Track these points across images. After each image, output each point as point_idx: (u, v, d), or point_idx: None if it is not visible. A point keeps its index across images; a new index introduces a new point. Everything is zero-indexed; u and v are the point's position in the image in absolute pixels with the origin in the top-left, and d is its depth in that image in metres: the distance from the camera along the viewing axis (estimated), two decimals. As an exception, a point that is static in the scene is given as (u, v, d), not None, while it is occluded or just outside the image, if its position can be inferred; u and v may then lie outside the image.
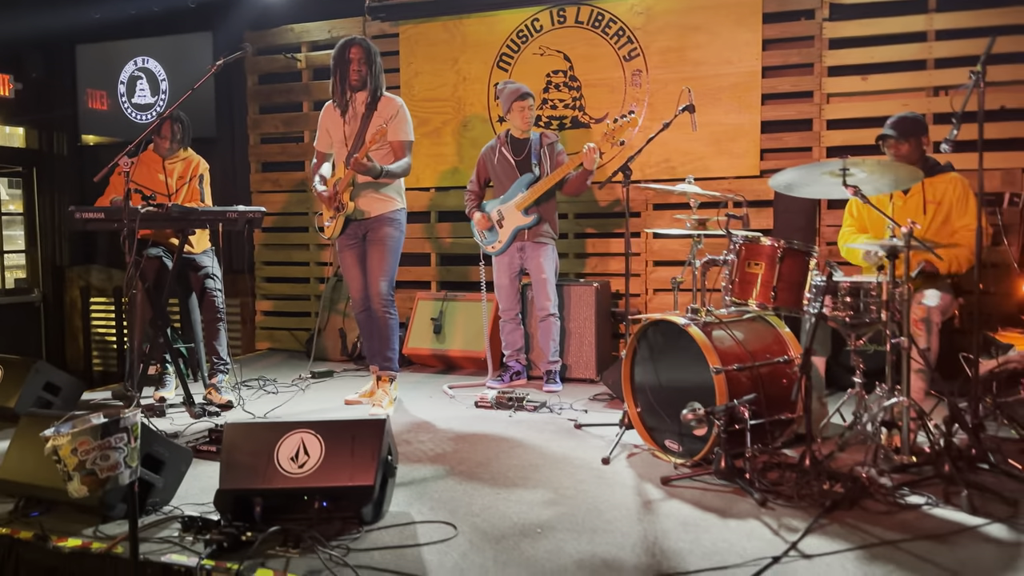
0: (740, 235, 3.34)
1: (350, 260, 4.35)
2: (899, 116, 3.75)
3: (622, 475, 3.19)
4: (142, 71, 6.91)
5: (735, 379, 3.15)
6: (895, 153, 3.72)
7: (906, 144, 3.68)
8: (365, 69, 4.26)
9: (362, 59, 4.25)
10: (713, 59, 5.25)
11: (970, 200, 3.66)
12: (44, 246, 7.19)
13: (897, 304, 3.04)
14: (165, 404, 4.35)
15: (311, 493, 2.59)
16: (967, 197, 3.66)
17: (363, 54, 4.26)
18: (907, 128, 3.69)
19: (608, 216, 5.58)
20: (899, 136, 3.68)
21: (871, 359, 4.46)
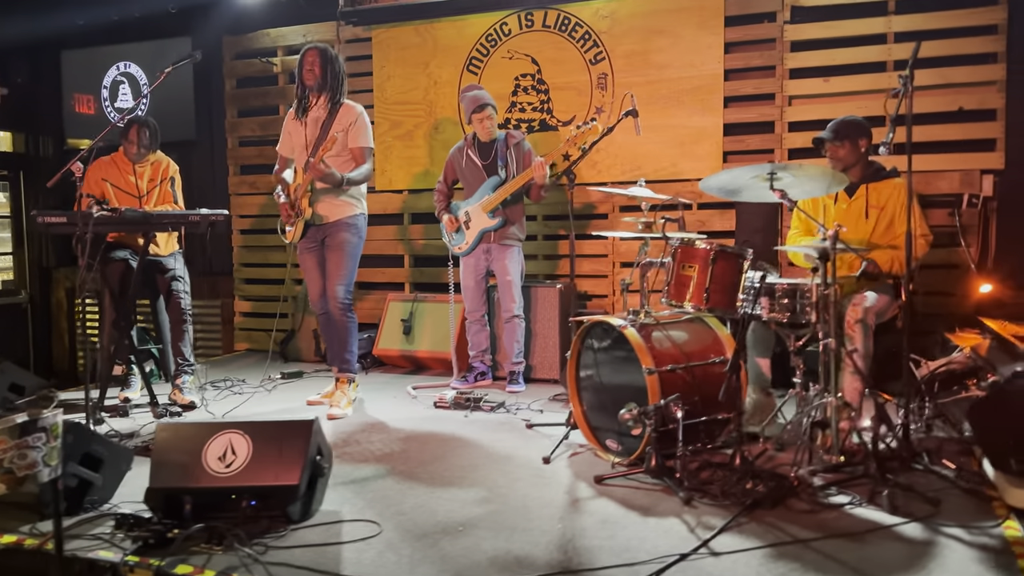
0: (676, 238, 3.39)
1: (310, 264, 4.42)
2: (839, 119, 3.79)
3: (559, 474, 3.25)
4: (124, 76, 7.01)
5: (669, 379, 3.20)
6: (832, 156, 3.75)
7: (842, 147, 3.71)
8: (319, 71, 4.31)
9: (316, 61, 4.32)
10: (676, 62, 5.29)
11: (914, 207, 3.69)
12: (31, 248, 7.32)
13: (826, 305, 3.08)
14: (129, 404, 4.43)
15: (239, 492, 2.66)
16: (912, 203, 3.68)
17: (318, 57, 4.32)
18: (843, 131, 3.71)
19: (579, 218, 5.62)
20: (834, 139, 3.71)
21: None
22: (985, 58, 4.70)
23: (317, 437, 2.79)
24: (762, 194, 3.19)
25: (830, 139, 3.71)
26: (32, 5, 6.77)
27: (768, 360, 3.79)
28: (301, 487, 2.64)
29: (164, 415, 4.25)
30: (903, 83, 3.18)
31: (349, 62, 6.19)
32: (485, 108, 4.77)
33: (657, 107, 5.33)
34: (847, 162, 3.73)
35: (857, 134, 3.71)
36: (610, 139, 5.37)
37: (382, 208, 6.14)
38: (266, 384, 5.14)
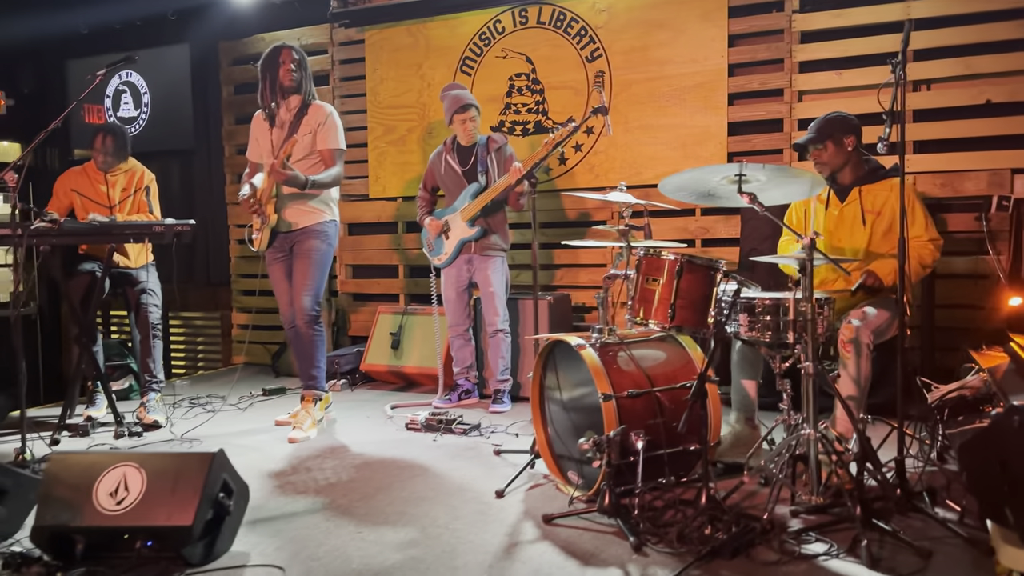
0: (641, 247, 3.04)
1: (278, 274, 4.20)
2: (819, 118, 3.40)
3: (508, 511, 2.93)
4: (126, 84, 6.94)
5: (629, 406, 2.86)
6: (816, 160, 3.37)
7: (825, 150, 3.32)
8: (299, 73, 4.11)
9: (294, 62, 4.11)
10: (678, 57, 4.92)
11: (916, 208, 3.28)
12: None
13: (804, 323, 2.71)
14: (93, 423, 4.25)
15: (131, 532, 2.42)
16: (913, 205, 3.27)
17: (294, 57, 4.11)
18: (824, 130, 3.33)
19: (576, 225, 5.30)
20: (815, 140, 3.32)
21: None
22: (1015, 45, 4.23)
23: (220, 472, 2.53)
24: (732, 198, 2.83)
25: (811, 142, 3.33)
26: (37, 14, 6.74)
27: (755, 383, 3.40)
28: (195, 529, 2.38)
29: (123, 435, 4.07)
30: (894, 71, 2.77)
31: (343, 65, 6.01)
32: (468, 109, 4.48)
33: (657, 106, 4.98)
34: (833, 165, 3.34)
35: (841, 131, 3.32)
36: (609, 141, 5.07)
37: (376, 216, 5.90)
38: (244, 401, 4.93)
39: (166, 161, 6.90)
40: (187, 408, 4.71)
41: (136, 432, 4.11)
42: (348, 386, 5.29)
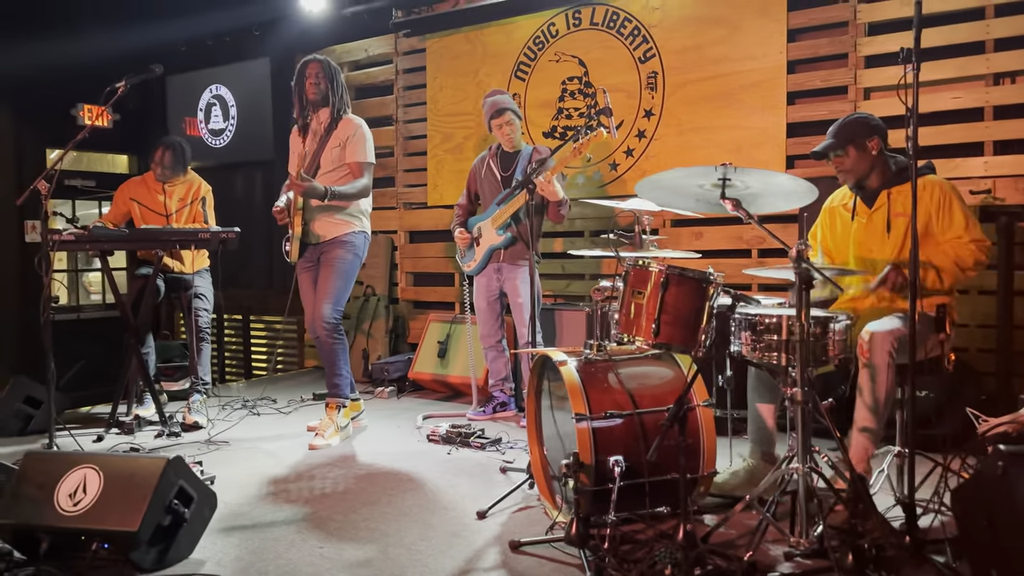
0: (629, 259, 2.83)
1: (306, 284, 4.23)
2: (841, 120, 3.06)
3: (482, 534, 2.79)
4: (216, 98, 7.28)
5: (606, 430, 2.66)
6: (838, 169, 3.04)
7: (846, 156, 2.99)
8: (325, 84, 4.13)
9: (320, 74, 4.14)
10: (734, 55, 4.62)
11: (955, 207, 2.89)
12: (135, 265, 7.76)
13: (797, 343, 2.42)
14: (140, 422, 4.44)
15: (87, 534, 2.46)
16: (950, 204, 2.89)
17: (320, 69, 4.14)
18: (843, 134, 2.99)
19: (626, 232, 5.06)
20: (834, 146, 2.99)
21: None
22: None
23: (176, 478, 2.53)
24: (714, 204, 2.58)
25: (830, 148, 3.00)
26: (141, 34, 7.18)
27: (773, 407, 3.10)
28: (141, 534, 2.40)
29: (162, 435, 4.23)
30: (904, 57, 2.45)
31: (406, 74, 6.04)
32: (504, 113, 4.37)
33: (712, 107, 4.70)
34: (858, 172, 3.01)
35: (863, 134, 2.98)
36: (661, 145, 4.85)
37: (434, 224, 5.89)
38: (292, 405, 5.02)
39: (250, 171, 7.20)
40: (234, 410, 4.83)
41: (175, 432, 4.25)
42: (396, 394, 5.28)
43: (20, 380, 4.35)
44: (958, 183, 4.00)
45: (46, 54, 6.47)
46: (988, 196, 3.95)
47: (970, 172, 4.03)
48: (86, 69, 6.54)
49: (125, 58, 6.99)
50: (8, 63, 6.35)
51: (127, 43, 6.92)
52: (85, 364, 6.94)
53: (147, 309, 4.52)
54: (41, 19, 6.54)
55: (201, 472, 3.39)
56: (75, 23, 6.67)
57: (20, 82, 6.55)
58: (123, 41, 6.87)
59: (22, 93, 6.71)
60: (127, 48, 6.91)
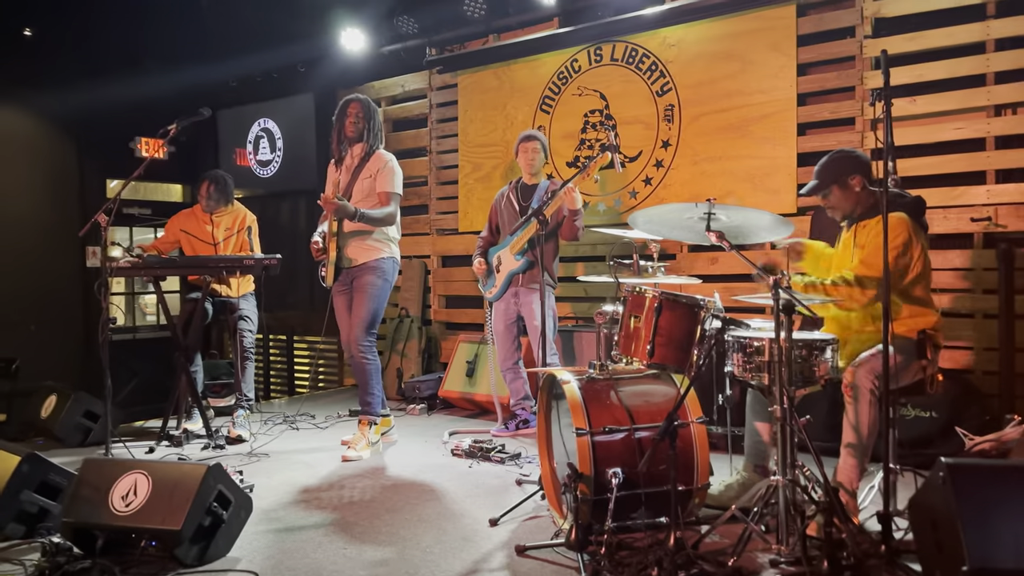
0: (628, 284, 3.06)
1: (340, 306, 4.54)
2: (825, 158, 3.22)
3: (492, 540, 3.03)
4: (264, 131, 7.71)
5: (605, 443, 2.89)
6: (827, 207, 3.20)
7: (831, 194, 3.14)
8: (363, 124, 4.46)
9: (359, 114, 4.46)
10: (746, 88, 4.84)
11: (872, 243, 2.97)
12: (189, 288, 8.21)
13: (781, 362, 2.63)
14: (188, 435, 4.77)
15: (137, 532, 2.77)
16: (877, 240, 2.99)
17: (361, 109, 4.47)
18: (825, 176, 3.14)
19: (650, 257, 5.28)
20: (819, 187, 3.15)
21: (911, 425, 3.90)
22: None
23: (216, 483, 2.83)
24: (700, 235, 2.81)
25: (815, 190, 3.17)
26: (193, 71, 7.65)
27: (769, 425, 3.28)
28: (184, 533, 2.69)
29: (208, 447, 4.56)
30: (874, 102, 2.65)
31: (439, 108, 6.37)
32: (533, 140, 4.67)
33: (725, 137, 4.91)
34: (844, 209, 3.17)
35: (845, 173, 3.12)
36: (676, 175, 5.07)
37: (465, 249, 6.17)
38: (329, 420, 5.33)
39: (295, 199, 7.60)
40: (275, 425, 5.15)
41: (220, 445, 4.58)
42: (426, 411, 5.56)
43: (80, 396, 4.72)
44: (961, 211, 4.17)
45: (109, 90, 6.95)
46: (990, 223, 4.08)
47: (973, 200, 4.16)
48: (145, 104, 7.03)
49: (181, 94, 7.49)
50: (75, 100, 6.86)
51: (183, 80, 7.39)
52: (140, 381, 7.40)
53: (196, 331, 4.88)
54: (106, 59, 7.03)
55: (241, 480, 3.70)
56: (136, 62, 7.17)
57: (85, 116, 7.05)
58: (179, 78, 7.35)
59: (86, 127, 7.22)
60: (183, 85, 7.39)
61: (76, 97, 6.86)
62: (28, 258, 6.77)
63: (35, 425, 4.89)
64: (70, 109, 6.96)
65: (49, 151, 7.17)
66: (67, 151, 7.30)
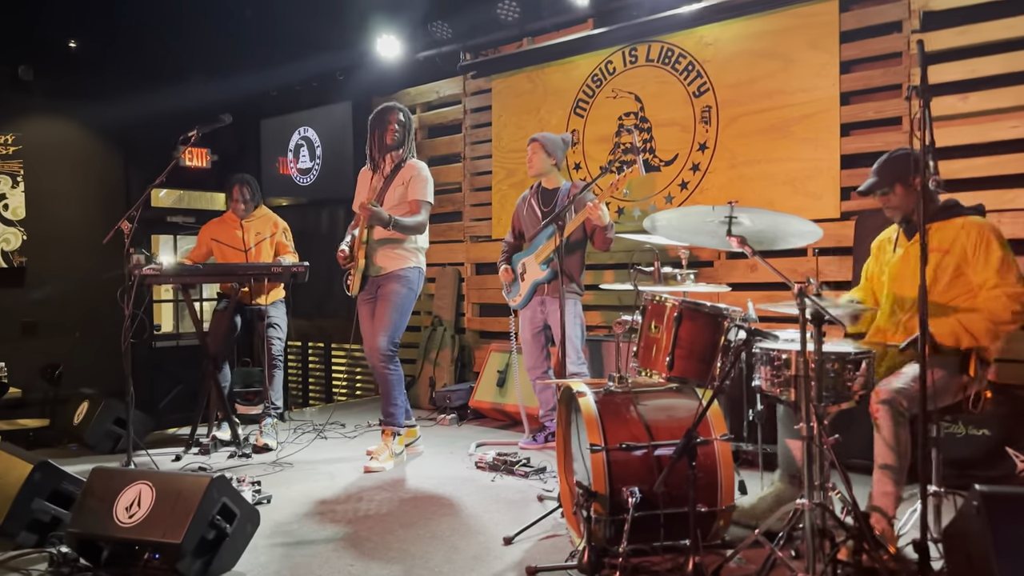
0: (647, 293, 2.91)
1: (365, 315, 4.47)
2: (884, 157, 3.03)
3: (503, 560, 2.90)
4: (304, 140, 7.74)
5: (621, 460, 2.74)
6: (886, 207, 3.00)
7: (893, 194, 2.95)
8: (401, 133, 4.41)
9: (398, 122, 4.42)
10: (787, 88, 4.63)
11: (992, 250, 2.81)
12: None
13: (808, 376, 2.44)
14: (216, 443, 4.76)
15: (139, 545, 2.72)
16: (987, 246, 2.81)
17: (399, 118, 4.42)
18: (887, 174, 2.95)
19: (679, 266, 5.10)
20: (880, 184, 2.96)
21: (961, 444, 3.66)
22: None
23: (219, 496, 2.76)
24: (722, 240, 2.64)
25: (876, 187, 2.98)
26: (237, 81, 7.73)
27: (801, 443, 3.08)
28: (185, 547, 2.63)
29: (235, 456, 4.53)
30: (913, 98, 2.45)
31: (473, 114, 6.29)
32: (532, 143, 4.58)
33: (764, 139, 4.71)
34: (905, 208, 2.97)
35: (908, 171, 2.92)
36: (712, 177, 4.89)
37: (498, 257, 6.04)
38: (359, 430, 5.27)
39: (334, 208, 7.60)
40: (303, 433, 5.11)
41: (246, 454, 4.55)
42: (457, 421, 5.46)
43: (111, 403, 4.75)
44: (1015, 215, 3.90)
45: (152, 103, 7.04)
46: (1048, 228, 3.81)
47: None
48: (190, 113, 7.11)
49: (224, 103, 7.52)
50: (121, 111, 6.96)
51: (226, 90, 7.46)
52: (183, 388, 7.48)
53: (224, 338, 4.87)
54: (152, 70, 7.14)
55: (259, 491, 3.66)
56: (181, 73, 7.26)
57: (130, 129, 7.17)
58: (222, 88, 7.42)
59: (132, 139, 7.34)
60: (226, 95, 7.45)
61: (122, 108, 6.97)
62: (76, 267, 6.90)
63: (69, 432, 4.94)
64: (116, 120, 7.08)
65: (98, 162, 7.32)
66: (114, 161, 7.43)
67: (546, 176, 4.61)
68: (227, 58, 7.34)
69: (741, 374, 3.33)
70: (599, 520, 2.68)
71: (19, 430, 5.86)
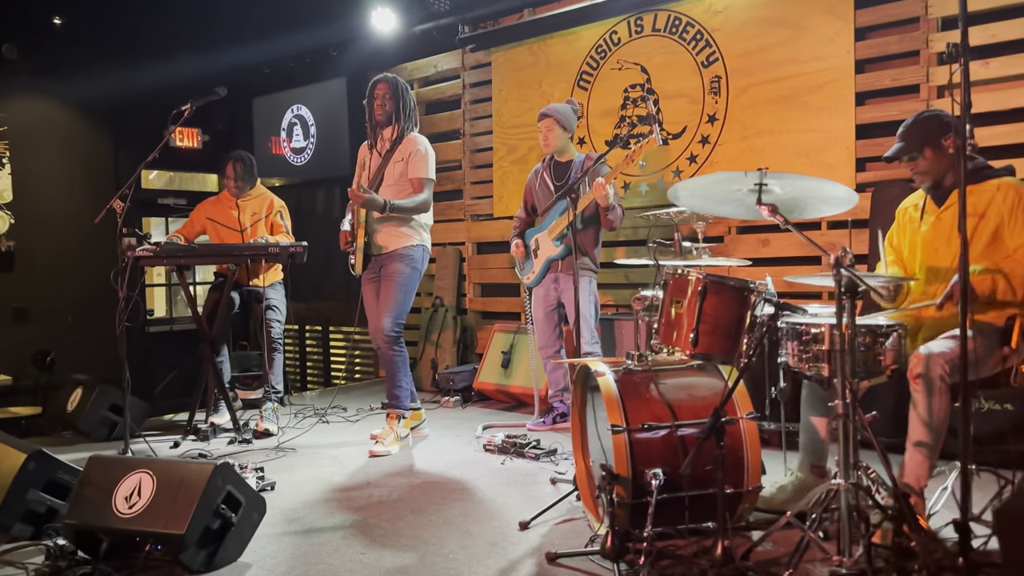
0: (669, 267, 2.78)
1: (369, 295, 4.33)
2: (907, 121, 2.89)
3: (521, 545, 2.79)
4: (297, 118, 7.55)
5: (643, 442, 2.62)
6: (914, 172, 2.87)
7: (922, 158, 2.81)
8: (390, 104, 4.24)
9: (387, 95, 4.25)
10: (799, 56, 4.49)
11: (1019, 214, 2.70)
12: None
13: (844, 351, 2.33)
14: (215, 429, 4.63)
15: (140, 536, 2.59)
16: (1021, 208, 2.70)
17: (388, 90, 4.25)
18: (915, 136, 2.82)
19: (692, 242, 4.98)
20: (909, 148, 2.83)
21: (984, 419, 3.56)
22: None
23: (224, 484, 2.64)
24: (751, 209, 2.51)
25: (903, 152, 2.85)
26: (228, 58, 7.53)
27: (827, 420, 2.97)
28: (188, 537, 2.51)
29: (235, 442, 4.40)
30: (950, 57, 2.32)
31: (472, 88, 6.12)
32: (544, 119, 4.41)
33: (776, 109, 4.57)
34: (935, 173, 2.84)
35: (938, 133, 2.80)
36: (722, 149, 4.76)
37: (500, 235, 5.93)
38: (361, 414, 5.15)
39: (330, 187, 7.43)
40: (305, 418, 4.98)
41: (246, 439, 4.42)
42: (461, 403, 5.34)
43: (105, 389, 4.60)
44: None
45: (141, 81, 6.84)
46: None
47: (1055, 171, 3.77)
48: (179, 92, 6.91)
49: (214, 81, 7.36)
50: (109, 89, 6.77)
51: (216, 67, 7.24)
52: (178, 373, 7.34)
53: (222, 321, 4.72)
54: (140, 47, 6.93)
55: (262, 477, 3.54)
56: (167, 51, 7.06)
57: (118, 107, 6.97)
58: (213, 65, 7.21)
59: (120, 118, 7.14)
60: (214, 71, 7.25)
61: (110, 87, 6.77)
62: (67, 250, 6.72)
63: (63, 419, 4.80)
64: (104, 99, 6.88)
65: (85, 142, 7.12)
66: (103, 141, 7.24)
67: (563, 150, 4.45)
68: (217, 34, 7.14)
69: (763, 351, 3.21)
70: (622, 504, 2.57)
71: (11, 418, 5.73)
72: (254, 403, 5.40)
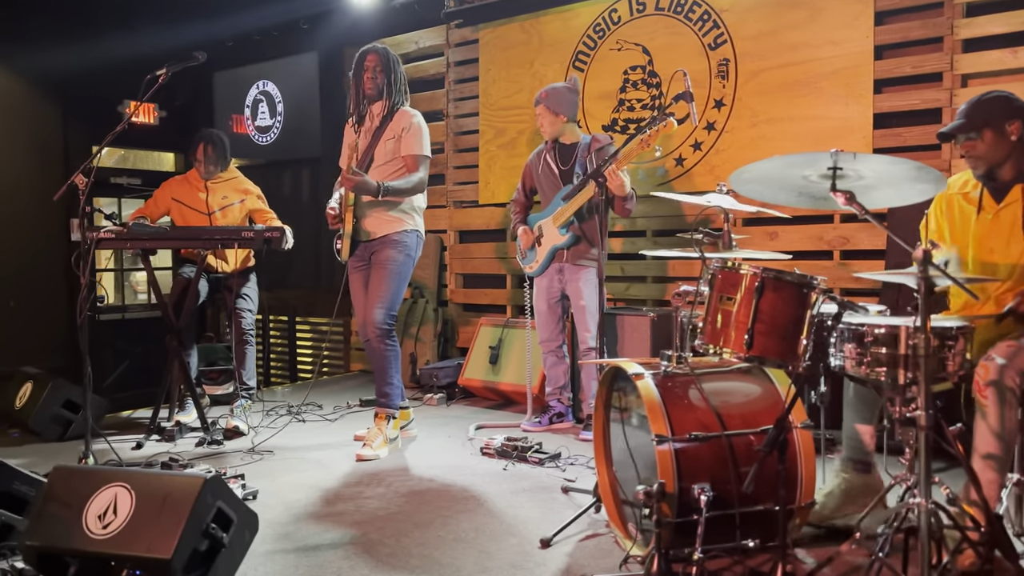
0: (716, 260, 2.52)
1: (357, 284, 4.00)
2: (975, 98, 2.67)
3: (546, 567, 2.51)
4: (263, 94, 7.12)
5: (691, 453, 2.36)
6: (968, 154, 2.64)
7: (981, 139, 2.60)
8: (382, 78, 3.91)
9: (378, 67, 3.92)
10: (814, 40, 4.27)
11: None
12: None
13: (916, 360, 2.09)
14: (182, 428, 4.24)
15: (115, 560, 2.23)
16: None
17: (379, 62, 3.92)
18: (979, 115, 2.60)
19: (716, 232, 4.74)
20: (968, 126, 2.61)
21: None
22: None
23: (214, 499, 2.29)
24: (821, 198, 2.26)
25: (961, 129, 2.63)
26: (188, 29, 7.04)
27: (872, 428, 2.76)
28: (175, 563, 2.16)
29: (204, 443, 4.02)
30: None
31: (458, 67, 5.80)
32: (536, 105, 4.15)
33: (789, 96, 4.36)
34: (992, 159, 2.62)
35: (1003, 116, 2.58)
36: (731, 138, 4.53)
37: (485, 223, 5.63)
38: (338, 412, 4.80)
39: (297, 169, 7.03)
40: (278, 416, 4.61)
41: (216, 440, 4.04)
42: (445, 401, 5.03)
43: (59, 383, 4.18)
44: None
45: (94, 52, 6.33)
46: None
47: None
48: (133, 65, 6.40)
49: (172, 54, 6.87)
50: (60, 60, 6.25)
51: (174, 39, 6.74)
52: (130, 364, 6.86)
53: (189, 311, 4.32)
54: (90, 17, 6.42)
55: (243, 486, 3.19)
56: (123, 20, 6.55)
57: (69, 79, 6.44)
58: (170, 37, 6.70)
59: (71, 91, 6.61)
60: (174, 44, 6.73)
61: (60, 57, 6.25)
62: (8, 229, 6.18)
63: (10, 416, 4.35)
64: (54, 70, 6.34)
65: (31, 114, 6.55)
66: (51, 115, 6.68)
67: (562, 134, 4.17)
68: (179, 4, 6.66)
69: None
70: (666, 522, 2.30)
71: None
72: (221, 399, 5.02)
